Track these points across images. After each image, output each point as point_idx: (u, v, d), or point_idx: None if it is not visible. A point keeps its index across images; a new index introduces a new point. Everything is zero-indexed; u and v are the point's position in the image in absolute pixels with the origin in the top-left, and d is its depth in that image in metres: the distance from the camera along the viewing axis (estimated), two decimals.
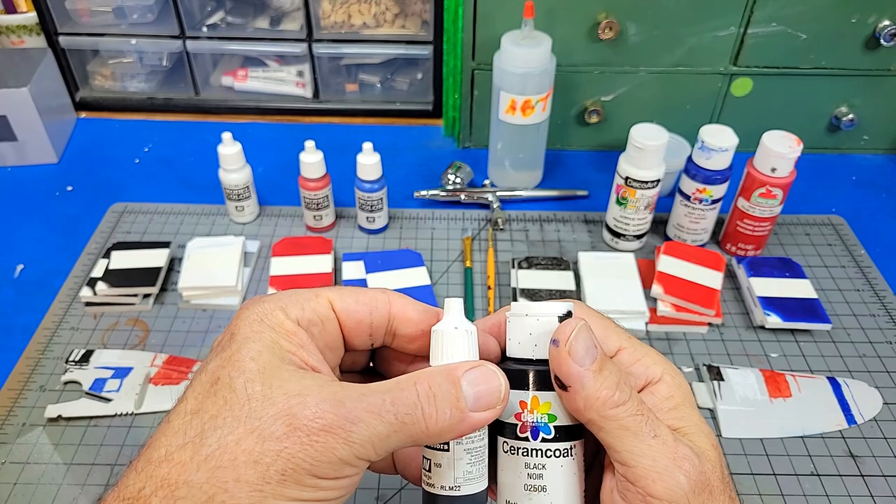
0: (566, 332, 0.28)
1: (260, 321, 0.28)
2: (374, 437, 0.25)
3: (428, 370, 0.28)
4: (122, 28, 0.94)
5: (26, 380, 0.63)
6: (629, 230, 0.76)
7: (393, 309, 0.31)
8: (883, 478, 0.56)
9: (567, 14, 0.81)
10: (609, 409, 0.27)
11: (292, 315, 0.29)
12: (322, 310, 0.30)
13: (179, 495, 0.24)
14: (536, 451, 0.28)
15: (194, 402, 0.26)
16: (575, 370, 0.27)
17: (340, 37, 0.93)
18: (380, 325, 0.31)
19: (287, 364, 0.27)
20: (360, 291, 0.31)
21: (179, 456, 0.25)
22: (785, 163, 0.69)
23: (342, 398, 0.26)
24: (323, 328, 0.30)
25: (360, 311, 0.31)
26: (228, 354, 0.27)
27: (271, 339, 0.28)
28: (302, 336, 0.29)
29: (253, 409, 0.25)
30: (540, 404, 0.28)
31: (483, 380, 0.28)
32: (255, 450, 0.24)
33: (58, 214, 0.83)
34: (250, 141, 0.86)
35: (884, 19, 0.81)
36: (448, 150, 0.95)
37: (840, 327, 0.69)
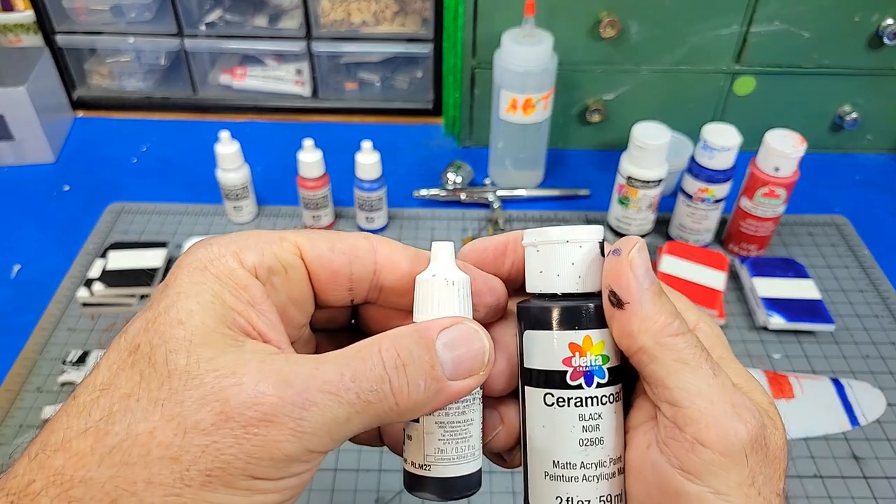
0: (629, 244, 0.23)
1: (203, 269, 0.23)
2: (330, 424, 0.21)
3: (395, 332, 0.23)
4: (119, 26, 0.93)
5: (23, 381, 0.62)
6: (631, 230, 0.75)
7: (378, 257, 0.25)
8: (886, 480, 0.56)
9: (568, 12, 0.81)
10: (667, 336, 0.23)
11: (248, 262, 0.23)
12: (287, 256, 0.24)
13: (74, 496, 0.19)
14: (592, 398, 0.24)
15: (106, 373, 0.21)
16: (635, 286, 0.23)
17: (340, 35, 0.92)
18: (362, 278, 0.25)
19: (226, 327, 0.22)
20: (338, 237, 0.25)
21: (79, 444, 0.20)
22: (788, 162, 0.69)
23: (289, 376, 0.20)
24: (287, 278, 0.24)
25: (336, 260, 0.25)
26: (155, 314, 0.22)
27: (213, 292, 0.22)
28: (255, 290, 0.23)
29: (174, 391, 0.20)
30: (594, 344, 0.24)
31: (463, 341, 0.23)
32: (174, 443, 0.19)
33: (55, 214, 0.82)
34: (248, 140, 0.86)
35: (887, 18, 0.80)
36: (448, 149, 0.94)
37: (843, 328, 0.69)
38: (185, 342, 0.21)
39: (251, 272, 0.23)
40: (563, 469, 0.24)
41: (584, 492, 0.24)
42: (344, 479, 0.55)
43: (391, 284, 0.26)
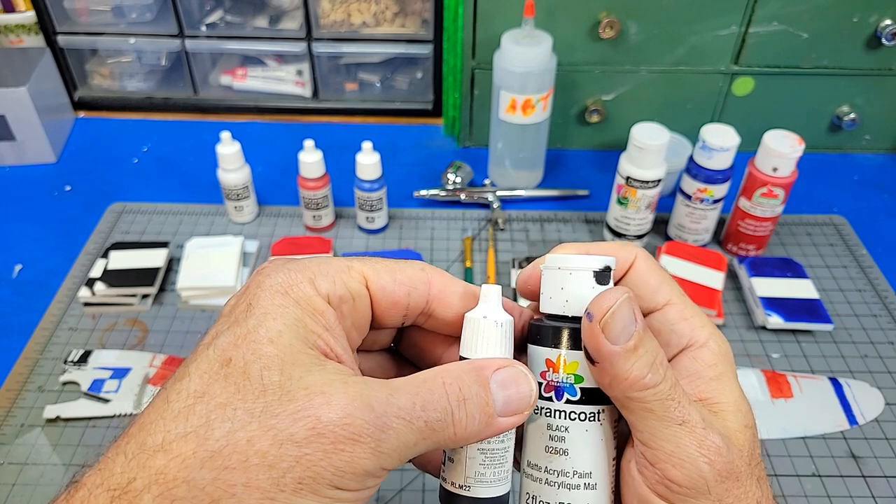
0: (603, 306, 0.25)
1: (284, 293, 0.25)
2: (402, 446, 0.23)
3: (455, 368, 0.25)
4: (120, 27, 0.93)
5: (25, 380, 0.63)
6: (630, 230, 0.76)
7: (433, 290, 0.28)
8: (885, 479, 0.56)
9: (568, 13, 0.81)
10: (636, 391, 0.24)
11: (322, 289, 0.25)
12: (355, 286, 0.26)
13: (178, 495, 0.21)
14: (559, 412, 0.27)
15: (199, 382, 0.23)
16: (605, 348, 0.24)
17: (340, 36, 0.93)
18: (416, 307, 0.28)
19: (310, 349, 0.24)
20: (398, 268, 0.28)
21: (180, 447, 0.21)
22: (786, 162, 0.69)
23: (370, 401, 0.23)
24: (353, 306, 0.27)
25: (397, 291, 0.27)
26: (244, 332, 0.23)
27: (295, 316, 0.24)
28: (330, 316, 0.25)
29: (269, 404, 0.22)
30: (566, 364, 0.26)
31: (513, 383, 0.26)
32: (271, 452, 0.21)
33: (56, 214, 0.82)
34: (249, 140, 0.86)
35: (885, 19, 0.81)
36: (448, 150, 0.94)
37: (842, 327, 0.69)
38: (277, 360, 0.23)
39: (325, 299, 0.25)
40: (532, 469, 0.27)
41: (546, 494, 0.27)
42: None
43: (441, 315, 0.29)
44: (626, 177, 0.72)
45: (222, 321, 0.25)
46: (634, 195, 0.72)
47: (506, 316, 0.27)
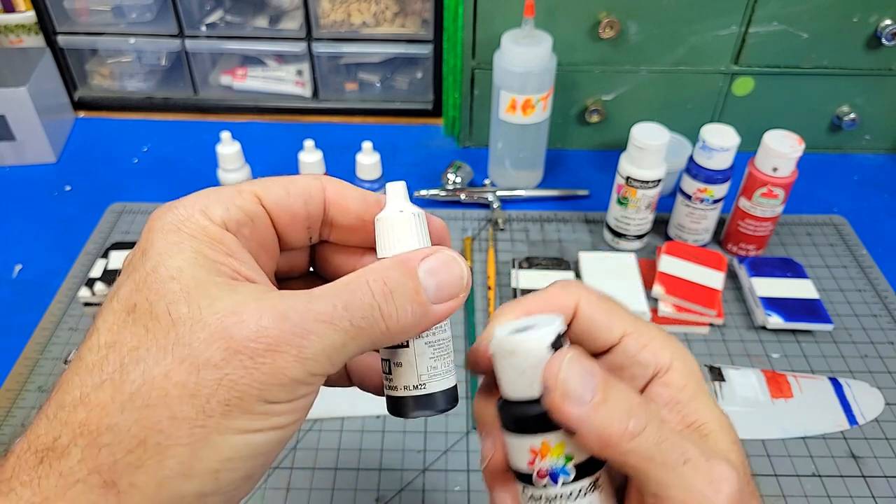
0: (553, 372, 0.24)
1: (176, 230, 0.24)
2: (328, 349, 0.22)
3: (379, 263, 0.25)
4: (120, 27, 0.93)
5: (24, 380, 0.63)
6: (630, 230, 0.76)
7: (328, 195, 0.27)
8: (885, 479, 0.56)
9: (568, 13, 0.81)
10: (626, 443, 0.23)
11: (216, 217, 0.25)
12: (249, 206, 0.26)
13: (104, 442, 0.21)
14: (559, 496, 0.25)
15: (108, 333, 0.22)
16: (575, 413, 0.23)
17: (340, 36, 0.93)
18: (317, 216, 0.28)
19: (215, 276, 0.23)
20: (291, 180, 0.27)
21: (98, 397, 0.21)
22: (786, 162, 0.69)
23: (285, 310, 0.22)
24: (253, 227, 0.26)
25: (293, 202, 0.27)
26: (143, 275, 0.23)
27: (193, 249, 0.23)
28: (230, 241, 0.25)
29: (181, 336, 0.21)
30: (552, 447, 0.25)
31: (443, 267, 0.25)
32: (190, 381, 0.21)
33: (56, 214, 0.82)
34: (249, 140, 0.86)
35: (885, 19, 0.81)
36: (448, 150, 0.94)
37: (842, 327, 0.69)
38: (182, 293, 0.22)
39: (221, 226, 0.25)
40: None
41: None
42: (344, 479, 0.56)
43: (343, 221, 0.28)
44: (626, 177, 0.72)
45: (122, 274, 0.24)
46: (634, 195, 0.72)
47: (417, 208, 0.26)
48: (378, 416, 0.60)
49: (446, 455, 0.57)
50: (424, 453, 0.58)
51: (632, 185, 0.72)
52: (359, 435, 0.59)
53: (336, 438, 0.58)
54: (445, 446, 0.58)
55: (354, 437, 0.59)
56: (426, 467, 0.57)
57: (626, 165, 0.72)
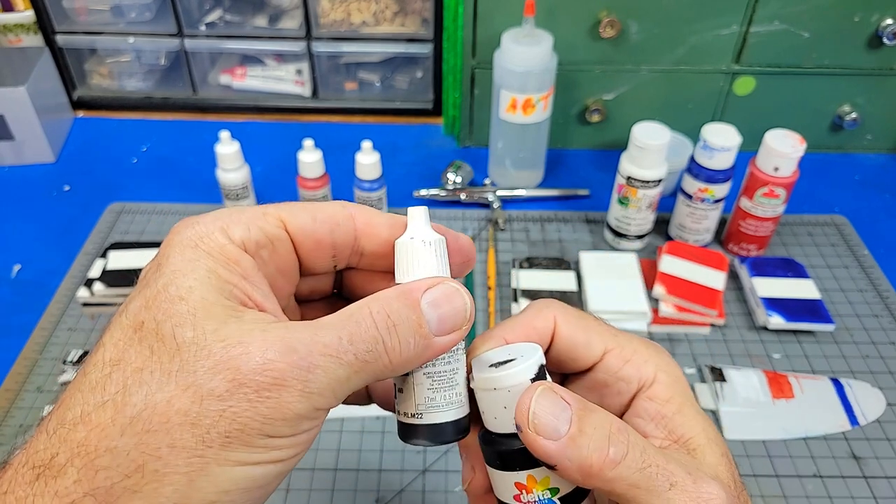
0: (523, 410, 0.24)
1: (194, 246, 0.24)
2: (333, 383, 0.22)
3: (382, 295, 0.24)
4: (119, 27, 0.93)
5: (23, 381, 0.62)
6: (631, 230, 0.75)
7: (358, 224, 0.27)
8: (886, 479, 0.56)
9: (568, 12, 0.81)
10: (609, 471, 0.23)
11: (236, 237, 0.24)
12: (272, 229, 0.25)
13: (101, 464, 0.20)
14: None
15: (114, 350, 0.22)
16: (552, 448, 0.23)
17: (339, 35, 0.92)
18: (344, 245, 0.27)
19: (226, 299, 0.23)
20: (317, 207, 0.27)
21: (98, 417, 0.21)
22: (788, 162, 0.69)
23: (292, 343, 0.22)
24: (273, 251, 0.26)
25: (318, 230, 0.26)
26: (154, 292, 0.23)
27: (207, 268, 0.23)
28: (246, 263, 0.24)
29: (185, 362, 0.21)
30: (538, 482, 0.25)
31: (445, 300, 0.25)
32: (192, 410, 0.21)
33: (55, 214, 0.82)
34: (248, 140, 0.86)
35: (886, 18, 0.80)
36: (448, 149, 0.94)
37: (843, 328, 0.69)
38: (189, 316, 0.22)
39: (240, 247, 0.24)
40: None
41: None
42: (344, 479, 0.55)
43: (372, 249, 0.27)
44: (627, 176, 0.72)
45: (136, 288, 0.24)
46: (635, 195, 0.72)
47: (434, 235, 0.26)
48: (378, 417, 0.60)
49: (446, 456, 0.57)
50: (424, 454, 0.57)
51: (633, 184, 0.72)
52: (359, 436, 0.58)
53: (336, 439, 0.58)
54: (445, 447, 0.58)
55: (354, 437, 0.58)
56: (426, 468, 0.56)
57: (627, 165, 0.72)
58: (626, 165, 0.72)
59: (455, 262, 0.28)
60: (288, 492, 0.54)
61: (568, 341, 0.27)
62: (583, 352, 0.27)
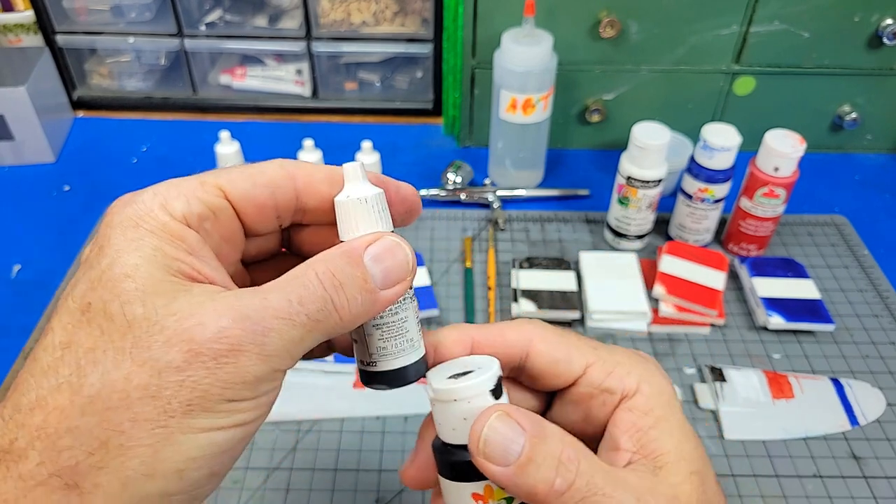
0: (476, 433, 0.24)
1: (135, 226, 0.23)
2: (288, 344, 0.23)
3: (325, 255, 0.25)
4: (119, 27, 0.93)
5: None
6: (631, 230, 0.75)
7: (298, 184, 0.27)
8: (886, 479, 0.56)
9: (568, 12, 0.81)
10: (553, 499, 0.24)
11: (177, 212, 0.24)
12: (212, 200, 0.25)
13: (63, 445, 0.21)
14: None
15: (63, 333, 0.22)
16: (499, 472, 0.24)
17: (339, 35, 0.92)
18: (286, 205, 0.27)
19: (172, 276, 0.23)
20: (256, 170, 0.26)
21: (55, 400, 0.21)
22: (788, 162, 0.69)
23: (243, 310, 0.22)
24: (216, 221, 0.25)
25: (259, 194, 0.26)
26: (98, 273, 0.23)
27: (152, 246, 0.23)
28: (191, 238, 0.24)
29: (138, 339, 0.21)
30: (494, 491, 0.25)
31: (388, 254, 0.25)
32: (151, 383, 0.21)
33: (55, 214, 0.82)
34: (249, 140, 0.86)
35: (887, 18, 0.80)
36: (448, 149, 0.94)
37: (843, 328, 0.69)
38: (137, 293, 0.22)
39: (182, 222, 0.24)
40: None
41: None
42: (344, 479, 0.55)
43: (314, 205, 0.28)
44: (627, 176, 0.72)
45: (79, 271, 0.24)
46: (635, 195, 0.72)
47: (372, 190, 0.26)
48: (378, 417, 0.60)
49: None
50: None
51: (633, 184, 0.72)
52: (359, 436, 0.58)
53: (336, 439, 0.58)
54: None
55: (354, 437, 0.58)
56: None
57: (627, 165, 0.72)
58: (626, 165, 0.72)
59: (398, 212, 0.28)
60: (288, 492, 0.54)
61: (547, 358, 0.28)
62: (563, 368, 0.28)
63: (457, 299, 0.71)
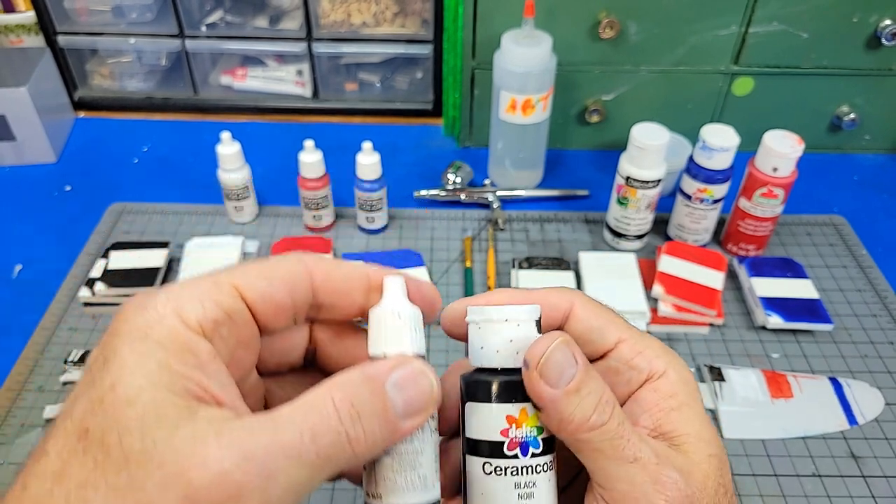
0: (537, 353, 0.24)
1: (144, 337, 0.22)
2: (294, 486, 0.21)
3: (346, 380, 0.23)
4: (120, 27, 0.93)
5: (24, 380, 0.63)
6: (630, 230, 0.76)
7: (316, 281, 0.26)
8: (885, 479, 0.56)
9: (568, 13, 0.81)
10: (583, 433, 0.24)
11: (191, 319, 0.23)
12: (228, 302, 0.24)
13: None
14: (527, 468, 0.26)
15: (57, 460, 0.20)
16: (546, 393, 0.24)
17: (340, 36, 0.93)
18: (303, 303, 0.26)
19: (177, 397, 0.21)
20: (273, 267, 0.25)
21: None
22: (786, 162, 0.69)
23: (249, 448, 0.20)
24: (232, 325, 0.24)
25: (276, 293, 0.25)
26: (100, 394, 0.21)
27: (159, 362, 0.21)
28: (202, 350, 0.23)
29: (133, 476, 0.20)
30: (528, 416, 0.26)
31: (412, 382, 0.24)
32: None
33: (56, 214, 0.82)
34: (249, 140, 0.86)
35: (885, 19, 0.81)
36: (448, 150, 0.94)
37: (841, 327, 0.69)
38: (137, 422, 0.20)
39: (196, 330, 0.23)
40: None
41: None
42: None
43: (331, 302, 0.27)
44: (626, 177, 0.72)
45: (81, 381, 0.22)
46: (634, 195, 0.72)
47: (409, 308, 0.26)
48: None
49: None
50: None
51: (632, 185, 0.72)
52: None
53: None
54: None
55: None
56: None
57: (626, 165, 0.72)
58: (626, 166, 0.72)
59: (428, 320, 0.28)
60: None
61: (585, 324, 0.28)
62: (597, 337, 0.28)
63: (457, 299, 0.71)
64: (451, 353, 0.65)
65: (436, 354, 0.66)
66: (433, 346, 0.66)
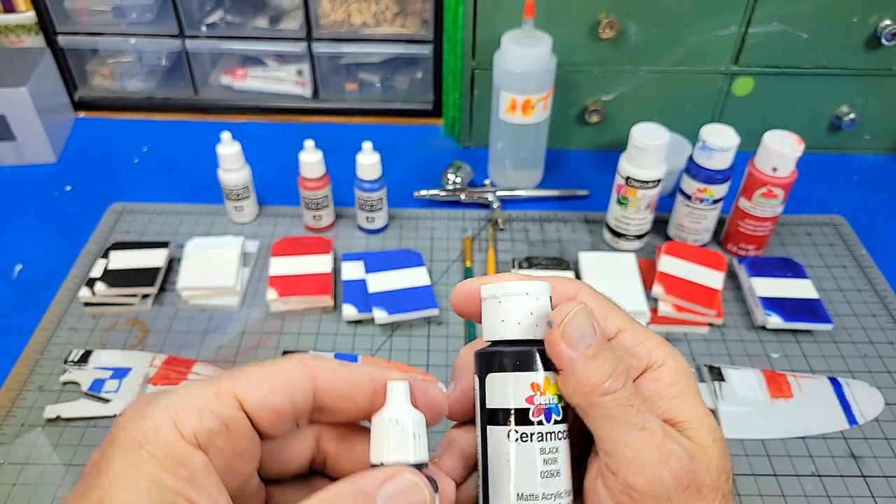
0: (562, 314, 0.26)
1: (138, 447, 0.22)
2: None
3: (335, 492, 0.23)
4: (120, 27, 0.93)
5: (25, 380, 0.63)
6: (630, 230, 0.76)
7: (318, 384, 0.26)
8: (884, 478, 0.56)
9: (567, 13, 0.81)
10: (596, 396, 0.25)
11: (187, 429, 0.23)
12: (226, 412, 0.24)
13: None
14: (550, 434, 0.27)
15: None
16: (566, 354, 0.25)
17: (340, 36, 0.93)
18: (304, 408, 0.26)
19: None
20: (274, 372, 0.25)
21: None
22: (786, 162, 0.69)
23: None
24: (229, 435, 0.24)
25: (277, 401, 0.25)
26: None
27: (150, 476, 0.21)
28: (195, 464, 0.22)
29: None
30: (550, 384, 0.27)
31: (402, 497, 0.24)
32: None
33: (56, 214, 0.83)
34: (249, 140, 0.86)
35: (885, 19, 0.81)
36: (448, 150, 0.94)
37: (841, 327, 0.69)
38: None
39: (191, 441, 0.23)
40: (526, 501, 0.26)
41: None
42: None
43: (334, 406, 0.27)
44: (626, 177, 0.72)
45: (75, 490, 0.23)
46: (634, 195, 0.73)
47: (411, 414, 0.26)
48: None
49: None
50: None
51: (632, 185, 0.72)
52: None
53: None
54: None
55: None
56: None
57: (626, 165, 0.72)
58: (625, 166, 0.72)
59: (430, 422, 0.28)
60: None
61: None
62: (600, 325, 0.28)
63: None
64: (451, 353, 0.65)
65: (436, 354, 0.66)
66: (433, 347, 0.66)
